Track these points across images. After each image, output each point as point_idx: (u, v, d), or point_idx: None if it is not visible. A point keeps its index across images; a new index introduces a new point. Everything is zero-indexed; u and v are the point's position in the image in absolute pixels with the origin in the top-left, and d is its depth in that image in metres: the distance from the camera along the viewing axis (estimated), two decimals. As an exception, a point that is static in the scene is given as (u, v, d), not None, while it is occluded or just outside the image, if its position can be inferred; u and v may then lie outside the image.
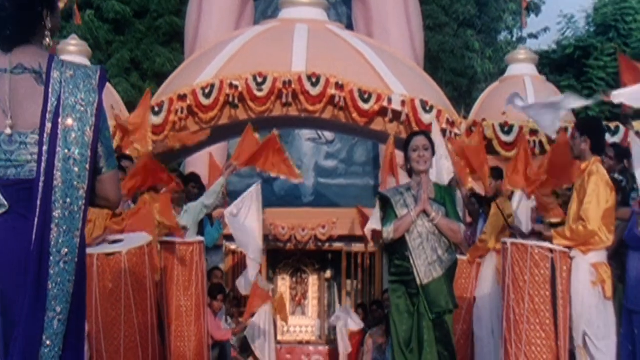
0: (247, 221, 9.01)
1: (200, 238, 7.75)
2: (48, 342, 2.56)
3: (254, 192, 9.12)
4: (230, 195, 10.02)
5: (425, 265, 5.11)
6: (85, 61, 10.58)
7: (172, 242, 7.20)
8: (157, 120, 8.84)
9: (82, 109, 2.63)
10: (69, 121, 2.61)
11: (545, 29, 22.79)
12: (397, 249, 5.26)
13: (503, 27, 22.33)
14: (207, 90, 8.99)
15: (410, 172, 5.39)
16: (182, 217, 7.96)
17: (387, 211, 5.33)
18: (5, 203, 2.58)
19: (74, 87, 2.64)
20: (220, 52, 9.66)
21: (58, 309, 2.58)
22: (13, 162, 2.60)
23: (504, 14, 21.67)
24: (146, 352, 6.13)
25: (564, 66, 19.27)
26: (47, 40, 2.75)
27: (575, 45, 19.04)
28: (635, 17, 18.19)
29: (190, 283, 7.33)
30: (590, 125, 6.24)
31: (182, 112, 9.00)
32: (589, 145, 5.93)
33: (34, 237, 2.56)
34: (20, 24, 2.67)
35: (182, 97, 9.00)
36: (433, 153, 5.37)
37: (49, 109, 2.60)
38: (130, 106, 10.61)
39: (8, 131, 2.59)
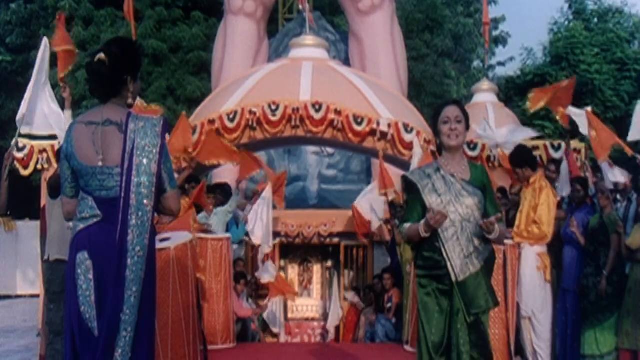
0: (260, 216, 9.00)
1: (228, 235, 7.94)
2: (127, 311, 2.98)
3: (266, 192, 9.14)
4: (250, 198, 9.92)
5: (460, 259, 3.65)
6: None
7: (206, 238, 7.42)
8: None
9: (149, 149, 3.06)
10: (140, 159, 3.04)
11: (511, 58, 23.21)
12: (425, 239, 3.72)
13: (475, 57, 22.46)
14: (231, 116, 9.04)
15: (440, 149, 3.89)
16: (211, 218, 8.13)
17: (412, 200, 3.84)
18: (100, 214, 3.05)
19: (144, 134, 3.07)
20: (241, 85, 9.68)
21: (134, 289, 3.00)
22: (104, 187, 3.05)
23: (476, 47, 21.84)
24: (188, 325, 6.29)
25: (525, 89, 19.39)
26: (130, 100, 3.18)
27: (534, 72, 19.22)
28: (582, 50, 18.29)
29: (219, 270, 7.56)
30: (521, 158, 6.52)
31: (211, 134, 9.00)
32: (528, 170, 6.37)
33: (117, 238, 2.99)
34: (111, 85, 3.12)
35: (211, 122, 9.04)
36: (467, 126, 3.82)
37: (127, 150, 3.04)
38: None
39: (100, 164, 3.05)
